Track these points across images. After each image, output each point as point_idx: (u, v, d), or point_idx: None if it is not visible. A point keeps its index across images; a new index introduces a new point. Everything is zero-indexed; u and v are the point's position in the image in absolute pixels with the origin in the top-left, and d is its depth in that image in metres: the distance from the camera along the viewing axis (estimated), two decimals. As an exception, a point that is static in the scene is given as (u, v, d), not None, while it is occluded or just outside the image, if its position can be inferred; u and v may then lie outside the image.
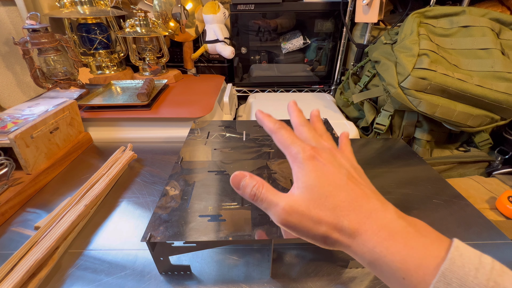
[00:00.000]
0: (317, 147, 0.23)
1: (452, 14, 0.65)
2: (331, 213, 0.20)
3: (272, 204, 0.22)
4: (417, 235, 0.18)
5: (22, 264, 0.31)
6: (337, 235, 0.20)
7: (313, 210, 0.20)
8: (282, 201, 0.21)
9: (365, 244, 0.19)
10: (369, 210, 0.20)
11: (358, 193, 0.21)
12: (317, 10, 0.92)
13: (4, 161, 0.44)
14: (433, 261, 0.17)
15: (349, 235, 0.19)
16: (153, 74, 0.88)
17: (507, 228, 0.47)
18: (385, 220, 0.19)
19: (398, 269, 0.17)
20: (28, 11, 0.72)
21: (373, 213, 0.20)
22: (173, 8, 0.86)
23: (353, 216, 0.20)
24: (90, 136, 0.62)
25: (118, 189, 0.47)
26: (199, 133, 0.51)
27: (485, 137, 0.65)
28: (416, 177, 0.49)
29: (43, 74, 0.71)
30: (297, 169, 0.22)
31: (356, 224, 0.19)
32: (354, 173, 0.23)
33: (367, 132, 0.78)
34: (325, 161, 0.22)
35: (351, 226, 0.19)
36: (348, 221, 0.19)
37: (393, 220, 0.19)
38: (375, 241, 0.18)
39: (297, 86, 1.07)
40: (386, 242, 0.18)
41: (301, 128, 0.26)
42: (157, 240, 0.28)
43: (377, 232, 0.19)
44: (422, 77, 0.56)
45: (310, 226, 0.20)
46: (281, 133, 0.24)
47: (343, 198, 0.20)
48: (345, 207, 0.20)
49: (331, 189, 0.21)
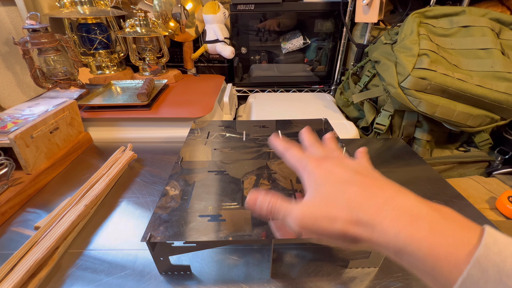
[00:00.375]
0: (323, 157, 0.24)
1: (452, 14, 0.65)
2: (344, 207, 0.20)
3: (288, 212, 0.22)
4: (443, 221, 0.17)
5: (22, 264, 0.31)
6: (355, 229, 0.19)
7: (326, 208, 0.20)
8: (296, 207, 0.22)
9: (387, 232, 0.17)
10: (384, 196, 0.19)
11: (369, 184, 0.20)
12: (317, 10, 0.92)
13: (4, 161, 0.44)
14: (464, 248, 0.15)
15: (367, 227, 0.18)
16: (153, 74, 0.88)
17: (507, 228, 0.47)
18: (405, 205, 0.18)
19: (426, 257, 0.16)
20: (28, 11, 0.72)
21: (390, 199, 0.19)
22: (173, 8, 0.86)
23: (368, 206, 0.19)
24: (90, 136, 0.62)
25: (118, 189, 0.47)
26: (199, 133, 0.51)
27: (485, 137, 0.65)
28: (416, 177, 0.49)
29: (43, 74, 0.71)
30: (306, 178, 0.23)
31: (373, 212, 0.18)
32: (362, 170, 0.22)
33: (367, 132, 0.78)
34: (332, 165, 0.23)
35: (367, 216, 0.18)
36: (363, 211, 0.19)
37: (414, 205, 0.18)
38: (396, 228, 0.17)
39: (297, 86, 1.07)
40: (409, 229, 0.17)
41: (311, 147, 0.28)
42: (157, 240, 0.28)
43: (398, 218, 0.17)
44: (422, 77, 0.56)
45: (325, 225, 0.20)
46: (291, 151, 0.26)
47: (354, 190, 0.20)
48: (358, 199, 0.19)
49: (340, 185, 0.21)
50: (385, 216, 0.18)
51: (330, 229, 0.20)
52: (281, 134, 0.50)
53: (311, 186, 0.22)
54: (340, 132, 0.68)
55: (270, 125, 0.54)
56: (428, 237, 0.16)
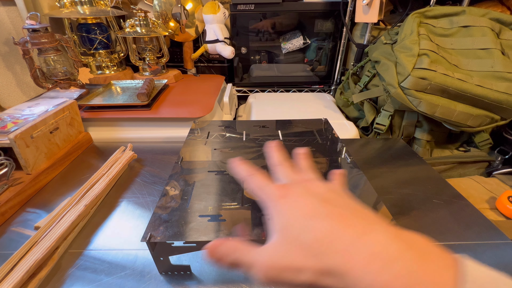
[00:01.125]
0: (288, 184, 0.22)
1: (452, 14, 0.65)
2: (310, 254, 0.17)
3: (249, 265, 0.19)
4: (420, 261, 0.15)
5: (22, 264, 0.31)
6: (323, 279, 0.17)
7: (292, 258, 0.18)
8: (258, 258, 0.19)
9: (359, 282, 0.15)
10: (353, 234, 0.17)
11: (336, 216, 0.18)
12: (317, 10, 0.92)
13: (4, 161, 0.44)
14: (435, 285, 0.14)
15: (337, 277, 0.16)
16: (153, 74, 0.88)
17: (507, 228, 0.47)
18: (374, 247, 0.16)
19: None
20: (28, 11, 0.72)
21: (358, 239, 0.16)
22: (173, 8, 0.86)
23: (335, 249, 0.16)
24: (90, 136, 0.62)
25: (118, 189, 0.47)
26: (199, 133, 0.51)
27: (485, 137, 0.65)
28: (416, 177, 0.49)
29: (43, 74, 0.71)
30: (271, 213, 0.21)
31: (341, 257, 0.16)
32: (329, 196, 0.20)
33: (367, 132, 0.78)
34: (295, 196, 0.20)
35: (335, 263, 0.16)
36: (331, 256, 0.16)
37: (387, 244, 0.16)
38: (369, 277, 0.15)
39: (297, 86, 1.07)
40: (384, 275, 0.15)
41: (275, 168, 0.26)
42: (157, 240, 0.28)
43: (368, 265, 0.15)
44: (422, 77, 0.56)
45: (291, 277, 0.17)
46: (253, 179, 0.24)
47: (320, 228, 0.17)
48: (324, 242, 0.17)
49: (304, 223, 0.18)
50: (356, 262, 0.16)
51: (296, 281, 0.18)
52: (281, 134, 0.50)
53: (277, 225, 0.20)
54: (340, 132, 0.68)
55: (270, 125, 0.54)
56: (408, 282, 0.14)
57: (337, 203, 0.19)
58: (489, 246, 0.37)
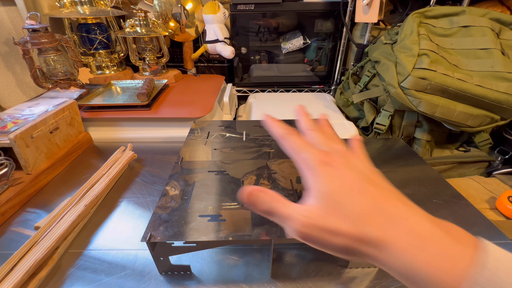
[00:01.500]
0: (329, 152, 0.22)
1: (452, 14, 0.65)
2: (352, 223, 0.18)
3: (286, 217, 0.20)
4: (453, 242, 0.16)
5: (22, 264, 0.31)
6: (361, 247, 0.18)
7: (332, 221, 0.18)
8: (296, 214, 0.20)
9: (399, 257, 0.17)
10: (395, 216, 0.18)
11: (380, 198, 0.19)
12: (317, 10, 0.92)
13: (4, 161, 0.44)
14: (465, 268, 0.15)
15: (375, 247, 0.17)
16: (153, 74, 0.88)
17: (507, 228, 0.47)
18: (418, 228, 0.17)
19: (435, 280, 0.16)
20: (28, 11, 0.72)
21: (401, 219, 0.18)
22: (173, 8, 0.86)
23: (378, 225, 0.18)
24: (90, 136, 0.62)
25: (118, 189, 0.47)
26: (199, 133, 0.51)
27: (485, 137, 0.65)
28: (416, 177, 0.49)
29: (43, 74, 0.71)
30: (309, 177, 0.21)
31: (383, 234, 0.17)
32: (372, 176, 0.21)
33: (367, 132, 0.78)
34: (339, 166, 0.21)
35: (377, 237, 0.17)
36: (373, 231, 0.18)
37: (427, 228, 0.17)
38: (410, 254, 0.16)
39: (297, 86, 1.07)
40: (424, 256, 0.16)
41: (310, 132, 0.25)
42: (157, 240, 0.28)
43: (410, 242, 0.17)
44: (422, 77, 0.56)
45: (330, 239, 0.18)
46: (290, 139, 0.23)
47: (364, 205, 0.18)
48: (368, 215, 0.18)
49: (349, 196, 0.19)
50: (397, 239, 0.17)
51: (334, 243, 0.19)
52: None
53: (316, 189, 0.20)
54: (340, 132, 0.67)
55: (270, 125, 0.54)
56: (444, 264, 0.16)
57: (380, 184, 0.21)
58: (489, 246, 0.37)
